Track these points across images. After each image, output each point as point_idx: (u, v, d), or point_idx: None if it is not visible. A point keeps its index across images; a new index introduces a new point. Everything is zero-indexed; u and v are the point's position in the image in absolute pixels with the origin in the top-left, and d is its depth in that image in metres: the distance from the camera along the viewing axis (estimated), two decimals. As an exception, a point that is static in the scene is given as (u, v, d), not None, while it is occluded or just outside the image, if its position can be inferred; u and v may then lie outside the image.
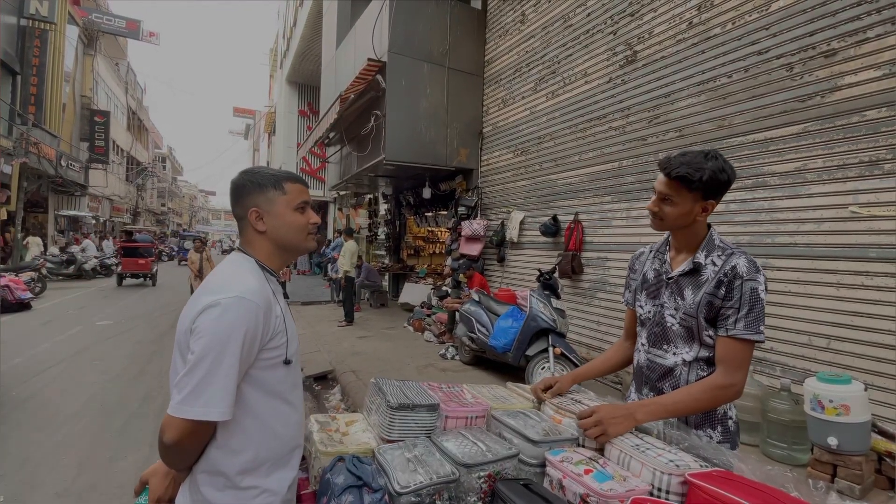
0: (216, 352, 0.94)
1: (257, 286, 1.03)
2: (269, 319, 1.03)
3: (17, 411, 3.88)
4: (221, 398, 0.95)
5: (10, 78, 15.11)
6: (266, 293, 1.05)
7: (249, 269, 1.09)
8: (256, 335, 0.99)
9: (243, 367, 0.99)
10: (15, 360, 5.41)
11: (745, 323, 1.22)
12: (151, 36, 25.71)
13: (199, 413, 0.94)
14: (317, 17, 13.15)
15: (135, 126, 30.62)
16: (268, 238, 1.13)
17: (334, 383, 4.94)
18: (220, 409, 0.96)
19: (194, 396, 0.94)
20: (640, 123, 4.66)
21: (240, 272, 1.07)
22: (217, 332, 0.95)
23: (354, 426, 1.38)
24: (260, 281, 1.07)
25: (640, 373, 1.46)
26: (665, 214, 1.30)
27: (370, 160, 7.50)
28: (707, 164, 1.24)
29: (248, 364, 1.01)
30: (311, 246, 1.18)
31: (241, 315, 0.97)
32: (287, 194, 1.12)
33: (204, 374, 0.94)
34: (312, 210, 1.19)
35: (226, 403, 0.96)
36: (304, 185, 1.18)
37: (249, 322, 0.97)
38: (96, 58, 22.49)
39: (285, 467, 1.10)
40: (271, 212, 1.11)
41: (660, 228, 1.36)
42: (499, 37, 7.20)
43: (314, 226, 1.17)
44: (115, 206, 26.74)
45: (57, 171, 16.84)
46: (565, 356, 4.04)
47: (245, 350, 0.97)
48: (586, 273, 5.21)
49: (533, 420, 1.32)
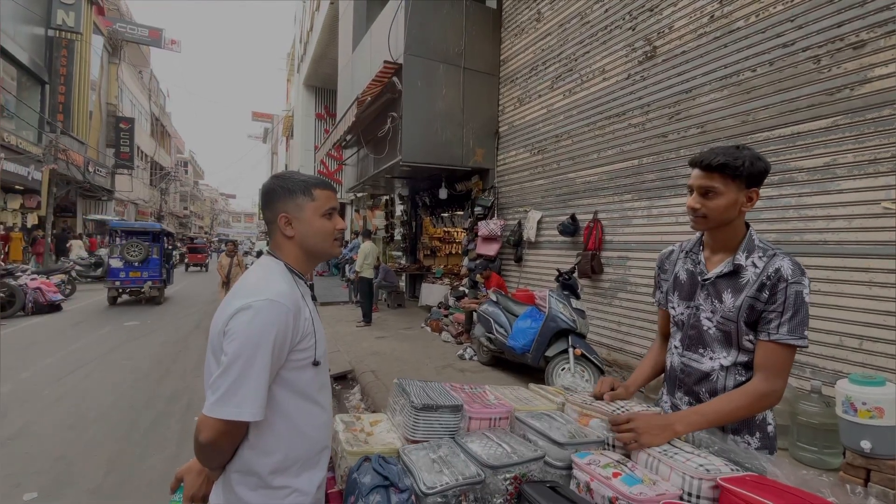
0: (248, 354, 0.97)
1: (287, 289, 1.06)
2: (299, 322, 1.05)
3: (50, 410, 4.02)
4: (254, 399, 0.97)
5: (38, 87, 15.68)
6: (295, 296, 1.07)
7: (279, 272, 1.11)
8: (287, 337, 1.02)
9: (274, 368, 1.02)
10: (47, 360, 5.61)
11: (788, 327, 1.19)
12: (173, 43, 26.36)
13: (233, 413, 0.96)
14: (333, 21, 13.29)
15: (158, 132, 31.44)
16: (296, 243, 1.15)
17: (354, 383, 4.98)
18: (252, 409, 0.98)
19: (228, 397, 0.97)
20: (661, 120, 4.58)
21: (270, 276, 1.10)
22: (249, 335, 0.97)
23: (379, 426, 1.39)
24: (289, 284, 1.09)
25: (673, 376, 1.42)
26: (710, 209, 1.23)
27: (386, 162, 7.55)
28: (743, 153, 1.21)
29: (280, 365, 1.04)
30: (337, 252, 1.20)
31: (271, 318, 0.99)
32: (316, 200, 1.14)
33: (237, 376, 0.97)
34: (339, 216, 1.20)
35: (258, 404, 0.98)
36: (333, 191, 1.20)
37: (280, 325, 1.00)
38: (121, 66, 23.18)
39: (315, 467, 1.12)
40: (300, 217, 1.14)
41: (703, 227, 1.29)
42: (514, 35, 7.16)
43: (340, 231, 1.19)
44: (140, 209, 27.51)
45: (85, 176, 17.42)
46: (586, 357, 3.99)
47: (276, 352, 1.00)
48: (606, 273, 5.14)
49: (558, 422, 1.31)
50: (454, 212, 9.65)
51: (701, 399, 1.32)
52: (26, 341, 6.60)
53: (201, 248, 21.65)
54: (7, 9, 12.87)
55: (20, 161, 13.13)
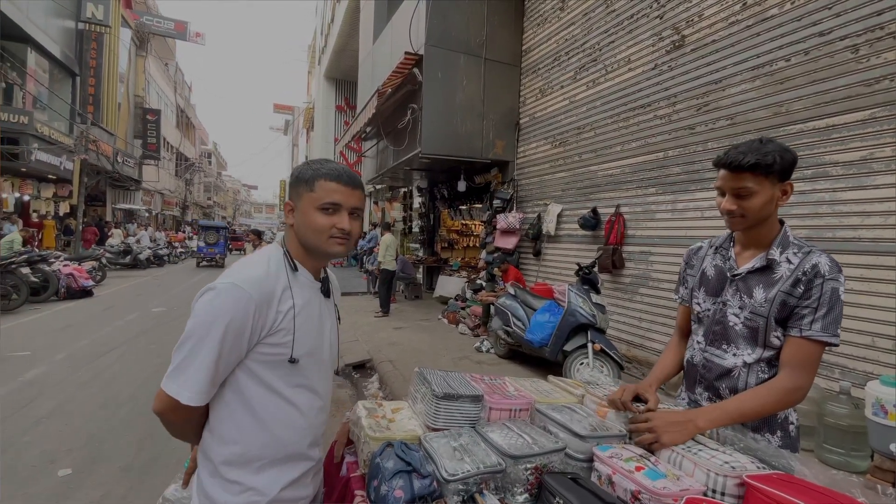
0: (198, 335, 0.95)
1: (260, 276, 1.01)
2: (267, 312, 0.99)
3: (83, 390, 4.20)
4: (194, 383, 0.95)
5: (69, 79, 16.16)
6: (270, 286, 1.01)
7: (268, 259, 1.07)
8: (246, 326, 0.96)
9: (231, 356, 0.98)
10: (80, 343, 5.84)
11: (822, 324, 1.16)
12: (197, 36, 26.81)
13: (173, 391, 0.95)
14: (354, 12, 13.30)
15: (183, 123, 32.12)
16: (295, 233, 1.11)
17: (372, 372, 5.05)
18: (189, 393, 0.96)
19: (175, 373, 0.96)
20: (688, 111, 4.46)
21: (255, 260, 1.06)
22: (204, 316, 0.95)
23: (400, 413, 1.41)
24: (270, 272, 1.03)
25: (693, 371, 1.40)
26: (748, 209, 1.20)
27: (406, 154, 7.56)
28: (768, 146, 1.17)
29: (238, 355, 1.00)
30: (336, 251, 1.08)
31: (228, 303, 0.95)
32: (314, 192, 1.06)
33: (185, 355, 0.96)
34: (351, 214, 1.09)
35: (196, 389, 0.96)
36: (350, 185, 1.08)
37: (237, 311, 0.95)
38: (147, 59, 23.69)
39: (281, 469, 1.07)
40: (298, 207, 1.09)
41: (741, 227, 1.26)
42: (537, 25, 7.05)
43: (340, 231, 1.06)
44: (165, 199, 28.24)
45: (114, 166, 17.94)
46: (605, 353, 3.96)
47: (229, 340, 0.96)
48: (628, 268, 5.07)
49: (579, 415, 1.31)
50: (472, 204, 9.62)
51: (721, 395, 1.30)
52: (60, 325, 6.88)
53: (240, 237, 27.32)
54: (39, 3, 13.26)
55: (53, 151, 13.59)
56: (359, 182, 1.10)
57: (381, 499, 1.04)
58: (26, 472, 2.78)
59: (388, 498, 1.01)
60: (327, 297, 1.18)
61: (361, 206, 1.11)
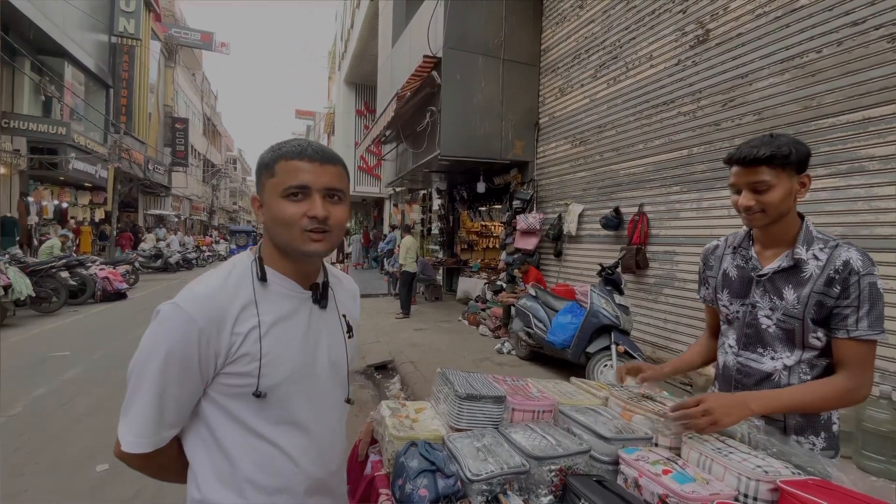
0: (139, 369, 0.81)
1: (209, 292, 0.82)
2: (219, 337, 0.80)
3: (118, 389, 4.35)
4: (136, 426, 0.80)
5: (103, 91, 16.86)
6: (221, 303, 0.82)
7: (231, 268, 0.89)
8: (189, 357, 0.79)
9: (180, 392, 0.81)
10: (115, 343, 6.07)
11: (868, 322, 1.12)
12: (222, 46, 27.60)
13: (120, 431, 0.82)
14: (373, 17, 13.46)
15: (209, 131, 33.09)
16: (267, 233, 0.90)
17: (394, 373, 5.09)
18: (130, 437, 0.80)
19: (123, 411, 0.82)
20: (714, 107, 4.35)
21: (214, 271, 0.88)
22: (143, 345, 0.81)
23: (423, 413, 1.42)
24: (227, 286, 0.85)
25: (728, 376, 1.35)
26: (767, 203, 1.16)
27: (425, 156, 7.60)
28: (780, 139, 1.15)
29: (193, 390, 0.82)
30: (311, 249, 0.84)
31: (166, 327, 0.79)
32: (275, 177, 0.84)
33: (130, 389, 0.81)
34: (328, 198, 0.86)
35: (137, 433, 0.80)
36: (316, 161, 0.84)
37: (175, 339, 0.78)
38: (176, 69, 24.52)
39: None
40: (264, 200, 0.87)
41: (761, 224, 1.21)
42: (556, 24, 7.00)
43: (313, 220, 0.83)
44: (194, 205, 29.13)
45: (145, 174, 18.63)
46: (629, 354, 3.89)
47: (172, 374, 0.79)
48: (652, 268, 4.97)
49: (603, 417, 1.30)
50: (492, 205, 9.60)
51: None
52: (97, 326, 7.18)
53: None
54: (74, 18, 13.89)
55: (88, 160, 14.21)
56: (331, 156, 0.87)
57: (406, 497, 1.05)
58: (68, 466, 2.91)
59: (412, 497, 1.03)
60: (324, 308, 0.95)
61: (340, 187, 0.87)
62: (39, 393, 4.15)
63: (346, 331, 1.00)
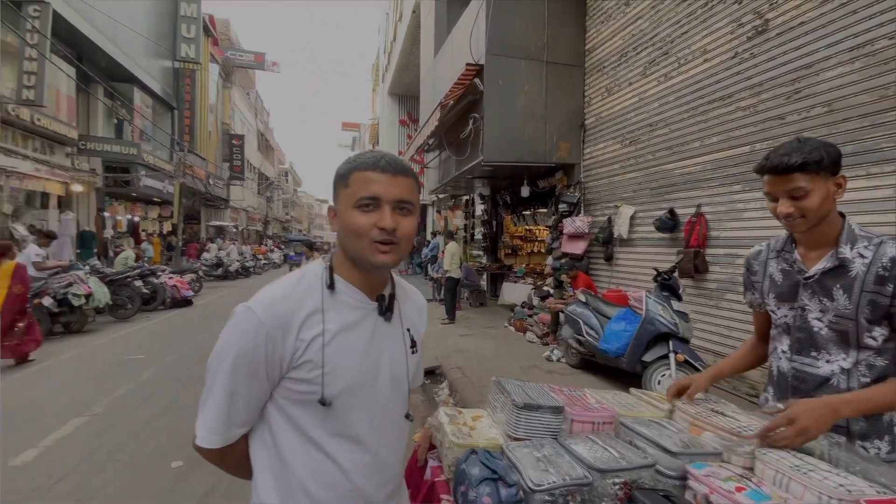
0: (214, 365, 0.85)
1: (278, 297, 0.85)
2: (284, 341, 0.82)
3: (188, 390, 4.68)
4: (209, 422, 0.85)
5: (168, 113, 18.29)
6: (289, 308, 0.84)
7: (303, 274, 0.91)
8: (256, 358, 0.81)
9: (248, 393, 0.84)
10: (184, 347, 6.52)
11: None
12: (274, 65, 29.15)
13: (196, 425, 0.86)
14: (415, 29, 13.75)
15: (263, 146, 34.96)
16: (339, 242, 0.92)
17: (442, 378, 5.12)
18: (203, 433, 0.85)
19: (200, 406, 0.87)
20: (777, 100, 4.09)
21: (286, 277, 0.91)
22: (218, 345, 0.85)
23: (480, 421, 1.43)
24: (296, 291, 0.87)
25: (784, 382, 1.33)
26: (806, 209, 1.16)
27: (468, 163, 7.64)
28: (809, 143, 1.16)
29: (260, 392, 0.85)
30: (379, 261, 0.85)
31: (237, 329, 0.83)
32: (349, 188, 0.85)
33: (206, 386, 0.86)
34: (398, 210, 0.86)
35: (208, 428, 0.84)
36: (388, 172, 0.85)
37: (245, 341, 0.81)
38: (232, 89, 26.13)
39: None
40: (338, 210, 0.89)
41: (802, 229, 1.22)
42: (601, 23, 6.85)
43: (382, 231, 0.83)
44: (250, 216, 30.84)
45: (206, 188, 19.96)
46: (690, 364, 3.70)
47: (241, 374, 0.82)
48: (712, 272, 4.71)
49: (669, 430, 1.25)
50: (537, 209, 9.48)
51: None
52: (167, 331, 7.74)
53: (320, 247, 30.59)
54: (141, 46, 15.17)
55: (157, 177, 15.43)
56: (403, 167, 0.87)
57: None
58: (146, 462, 3.15)
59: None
60: (389, 320, 0.94)
61: (410, 199, 0.87)
62: (119, 394, 4.52)
63: (410, 346, 0.98)
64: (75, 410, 4.04)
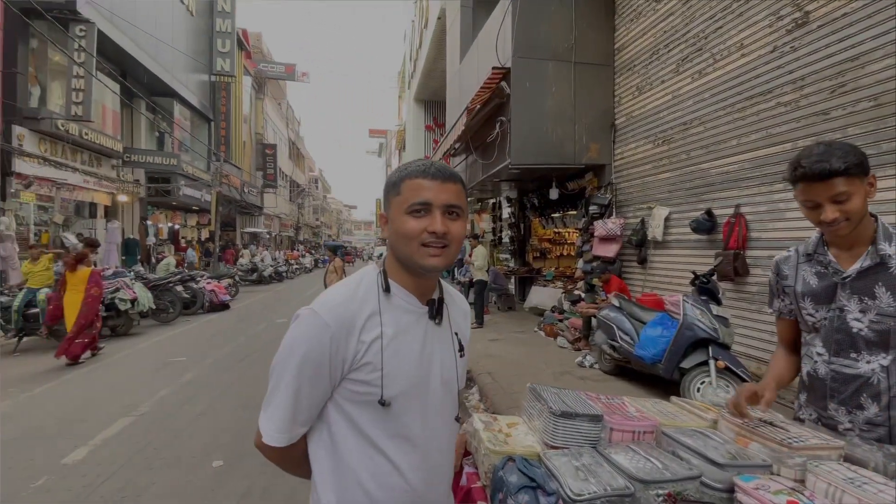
0: (280, 365, 0.87)
1: (341, 300, 0.88)
2: (347, 343, 0.85)
3: (228, 391, 4.84)
4: (275, 420, 0.88)
5: (205, 124, 19.08)
6: (351, 311, 0.87)
7: (360, 278, 0.94)
8: (321, 359, 0.84)
9: (312, 392, 0.87)
10: (222, 350, 6.75)
11: None
12: (304, 76, 29.97)
13: (262, 424, 0.89)
14: (441, 35, 13.86)
15: (294, 154, 35.93)
16: (390, 248, 0.95)
17: (472, 383, 5.10)
18: (270, 431, 0.88)
19: (264, 405, 0.90)
20: (820, 95, 3.90)
21: (345, 281, 0.96)
22: (284, 346, 0.88)
23: (516, 429, 1.42)
24: (356, 295, 0.90)
25: (821, 386, 1.32)
26: (851, 211, 1.18)
27: (495, 166, 7.62)
28: (840, 148, 1.17)
29: (323, 392, 0.88)
30: (430, 264, 0.87)
31: (304, 331, 0.86)
32: (401, 194, 0.89)
33: (272, 385, 0.89)
34: (448, 214, 0.89)
35: (276, 427, 0.87)
36: (438, 179, 0.88)
37: (311, 342, 0.84)
38: (265, 100, 27.01)
39: None
40: (389, 217, 0.93)
41: (846, 232, 1.22)
42: (630, 21, 6.72)
43: (433, 235, 0.86)
44: (282, 222, 31.72)
45: (241, 196, 20.67)
46: (731, 371, 3.55)
47: (307, 374, 0.85)
48: (753, 275, 4.51)
49: (714, 441, 1.21)
50: (566, 212, 9.34)
51: (863, 406, 1.24)
52: (206, 334, 8.04)
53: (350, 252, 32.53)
54: (180, 62, 15.91)
55: (195, 186, 16.09)
56: (451, 174, 0.90)
57: (507, 513, 1.05)
58: (189, 461, 3.27)
59: (514, 513, 1.03)
60: (439, 324, 0.96)
61: (459, 203, 0.90)
62: (162, 394, 4.72)
63: (458, 349, 1.00)
64: (123, 410, 4.24)
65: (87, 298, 5.91)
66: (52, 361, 5.70)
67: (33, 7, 8.12)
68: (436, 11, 14.13)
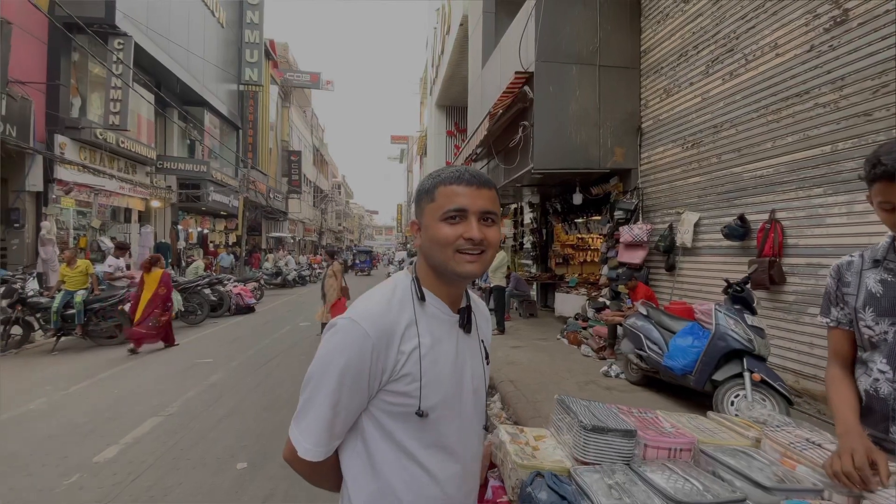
0: (317, 377, 0.84)
1: (379, 310, 0.86)
2: (387, 354, 0.84)
3: (253, 393, 4.91)
4: (312, 433, 0.85)
5: (234, 132, 19.62)
6: (390, 321, 0.85)
7: (394, 287, 0.92)
8: (361, 370, 0.82)
9: (350, 403, 0.84)
10: (248, 352, 6.87)
11: None
12: (328, 84, 30.53)
13: (295, 437, 0.87)
14: (463, 41, 13.90)
15: (318, 160, 36.58)
16: (423, 255, 0.93)
17: (493, 391, 5.03)
18: (306, 444, 0.85)
19: (298, 418, 0.87)
20: (862, 95, 3.71)
21: (379, 290, 0.93)
22: (321, 356, 0.85)
23: (544, 442, 1.37)
24: (393, 304, 0.88)
25: (881, 406, 1.18)
26: None
27: (517, 171, 7.55)
28: None
29: (360, 402, 0.86)
30: (466, 271, 0.86)
31: (344, 341, 0.83)
32: (435, 201, 0.88)
33: (306, 398, 0.86)
34: (483, 220, 0.88)
35: (312, 441, 0.84)
36: (473, 185, 0.88)
37: (352, 352, 0.82)
38: (291, 108, 27.62)
39: None
40: (423, 224, 0.92)
41: None
42: (657, 23, 6.58)
43: (469, 241, 0.85)
44: (306, 227, 32.28)
45: (267, 201, 21.13)
46: (767, 384, 3.38)
47: (347, 385, 0.82)
48: (790, 283, 4.31)
49: (758, 462, 1.14)
50: (590, 217, 9.18)
51: None
52: (231, 336, 8.20)
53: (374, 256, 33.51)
54: (210, 72, 16.43)
55: (223, 192, 16.53)
56: (486, 180, 0.90)
57: (537, 532, 1.01)
58: (213, 463, 3.32)
59: (545, 533, 0.98)
60: (468, 333, 0.96)
61: (494, 210, 0.89)
62: (190, 395, 4.82)
63: (485, 357, 1.00)
64: (151, 410, 4.35)
65: (153, 297, 6.84)
66: (87, 360, 5.93)
67: (75, 22, 8.52)
68: (458, 18, 14.19)
